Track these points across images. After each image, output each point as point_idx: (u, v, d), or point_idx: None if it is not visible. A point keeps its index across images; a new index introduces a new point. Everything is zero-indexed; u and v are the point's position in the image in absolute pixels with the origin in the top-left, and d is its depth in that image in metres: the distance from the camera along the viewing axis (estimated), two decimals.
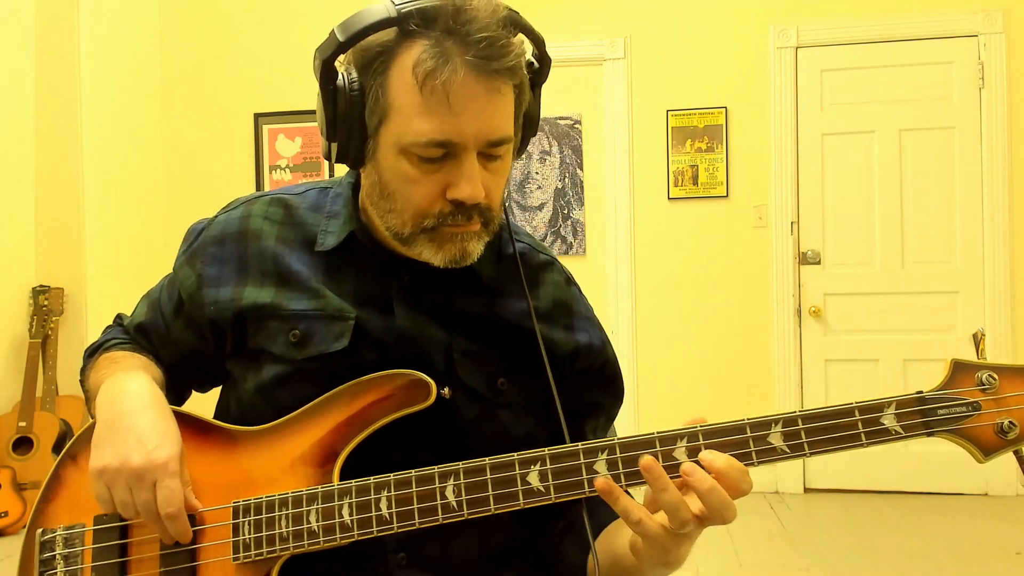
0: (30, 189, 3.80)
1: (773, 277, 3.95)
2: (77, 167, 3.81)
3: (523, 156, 4.09)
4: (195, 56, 4.36)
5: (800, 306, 3.94)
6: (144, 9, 4.31)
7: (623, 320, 4.03)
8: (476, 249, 0.89)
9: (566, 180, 4.12)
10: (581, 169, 4.11)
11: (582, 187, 4.10)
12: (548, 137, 4.11)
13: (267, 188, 4.29)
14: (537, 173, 4.13)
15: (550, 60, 0.93)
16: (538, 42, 0.90)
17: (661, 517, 0.77)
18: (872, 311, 3.89)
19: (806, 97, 3.94)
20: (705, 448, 0.78)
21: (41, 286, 3.70)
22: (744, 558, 3.06)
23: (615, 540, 0.88)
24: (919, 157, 3.87)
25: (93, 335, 1.12)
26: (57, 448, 3.55)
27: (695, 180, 4.01)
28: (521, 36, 0.86)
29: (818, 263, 3.94)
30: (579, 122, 4.10)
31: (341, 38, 0.84)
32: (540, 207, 4.13)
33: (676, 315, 4.02)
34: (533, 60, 0.92)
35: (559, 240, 4.11)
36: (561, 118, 4.10)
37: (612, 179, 4.06)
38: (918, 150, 3.87)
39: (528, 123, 0.94)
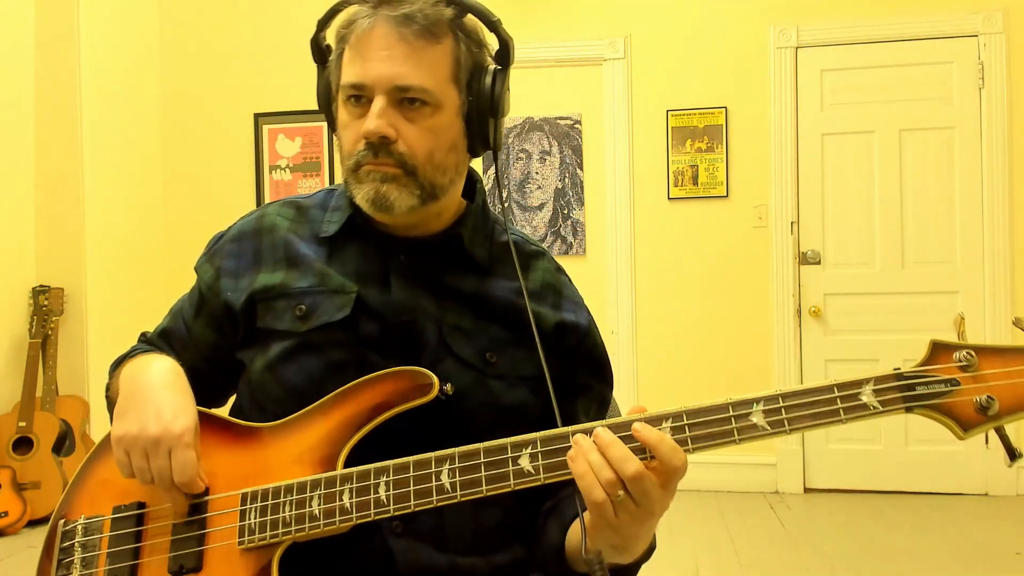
0: (30, 189, 3.80)
1: (773, 277, 3.95)
2: (77, 167, 3.81)
3: (522, 156, 4.12)
4: (195, 56, 4.36)
5: (800, 306, 3.94)
6: (144, 9, 4.31)
7: (623, 320, 4.03)
8: (397, 196, 0.95)
9: (566, 180, 4.12)
10: (581, 169, 4.11)
11: (582, 187, 4.11)
12: (548, 137, 4.11)
13: (267, 188, 4.30)
14: (537, 173, 4.13)
15: (508, 41, 0.99)
16: (490, 24, 0.98)
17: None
18: (872, 311, 3.89)
19: (806, 97, 3.94)
20: (689, 428, 0.80)
21: (41, 286, 3.70)
22: (744, 558, 3.06)
23: None
24: (919, 157, 3.87)
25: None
26: (57, 448, 3.55)
27: (695, 180, 4.01)
28: (451, 11, 0.95)
29: (818, 263, 3.94)
30: (579, 122, 4.10)
31: (319, 20, 0.99)
32: (540, 207, 4.13)
33: (676, 315, 4.02)
34: (504, 43, 0.99)
35: (559, 240, 4.11)
36: (561, 118, 4.10)
37: (612, 179, 4.06)
38: (918, 150, 3.87)
39: (488, 103, 0.98)
